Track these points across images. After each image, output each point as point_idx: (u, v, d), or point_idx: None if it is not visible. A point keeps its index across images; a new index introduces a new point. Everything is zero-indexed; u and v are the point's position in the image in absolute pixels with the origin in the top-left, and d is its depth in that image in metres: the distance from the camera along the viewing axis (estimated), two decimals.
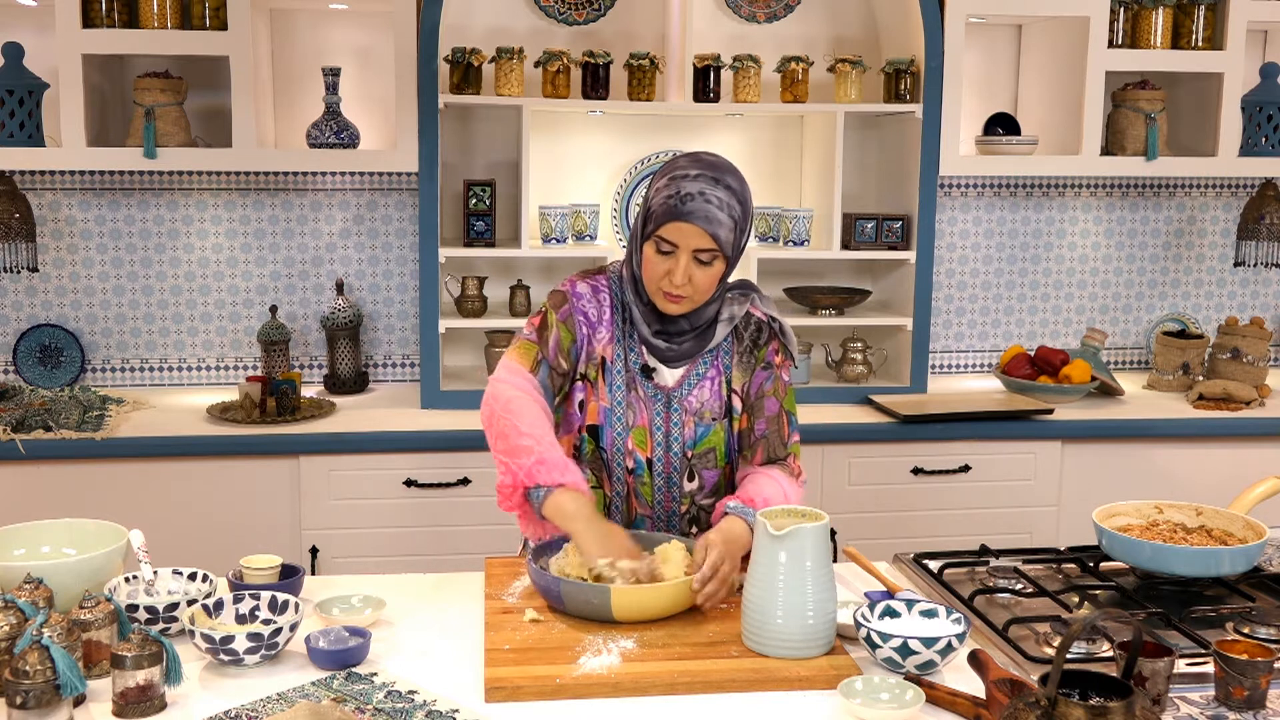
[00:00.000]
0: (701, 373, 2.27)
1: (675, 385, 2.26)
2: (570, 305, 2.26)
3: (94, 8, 3.37)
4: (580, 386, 2.26)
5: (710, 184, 2.12)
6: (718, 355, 2.28)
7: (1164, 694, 1.69)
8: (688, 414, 2.26)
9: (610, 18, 3.82)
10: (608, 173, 3.89)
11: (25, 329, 3.71)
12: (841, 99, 3.68)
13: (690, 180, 2.12)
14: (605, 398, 2.25)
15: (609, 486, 2.27)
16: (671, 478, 2.28)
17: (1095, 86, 3.70)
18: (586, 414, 2.25)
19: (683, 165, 2.16)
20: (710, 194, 2.12)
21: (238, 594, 1.96)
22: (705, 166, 2.15)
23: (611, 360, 2.25)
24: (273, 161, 3.54)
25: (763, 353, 2.29)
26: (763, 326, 2.30)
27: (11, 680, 1.60)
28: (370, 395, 3.75)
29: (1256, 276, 4.27)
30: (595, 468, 2.27)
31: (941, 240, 4.06)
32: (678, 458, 2.27)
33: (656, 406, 2.25)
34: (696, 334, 2.25)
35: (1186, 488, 3.47)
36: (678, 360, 2.25)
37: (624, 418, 2.25)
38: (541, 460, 2.08)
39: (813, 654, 1.86)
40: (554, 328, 2.24)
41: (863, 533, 3.40)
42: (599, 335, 2.26)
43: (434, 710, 1.72)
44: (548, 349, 2.23)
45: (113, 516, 2.25)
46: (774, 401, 2.28)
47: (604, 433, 2.25)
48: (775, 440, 2.27)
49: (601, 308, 2.26)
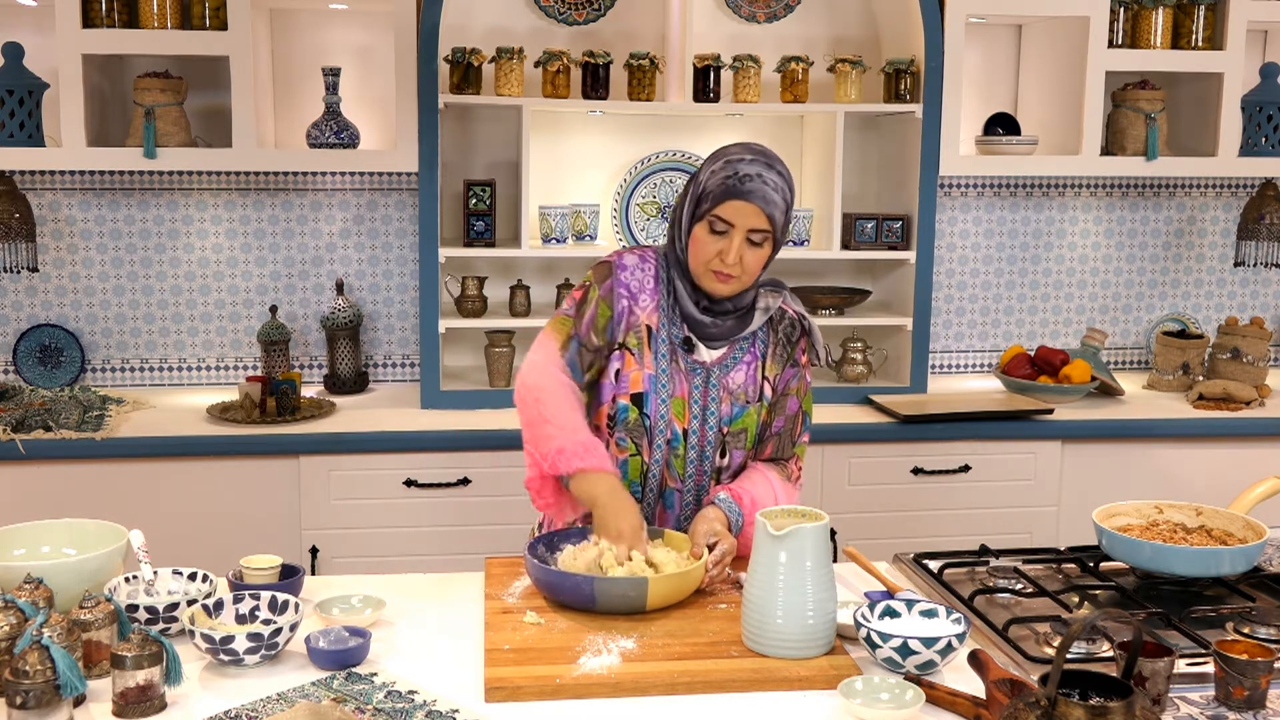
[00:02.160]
0: (739, 356, 2.31)
1: (715, 363, 2.30)
2: (613, 278, 2.30)
3: (94, 8, 3.37)
4: (618, 355, 2.29)
5: (765, 167, 2.19)
6: (754, 342, 2.33)
7: (1164, 694, 1.69)
8: (725, 391, 2.30)
9: (610, 18, 3.82)
10: (608, 173, 3.89)
11: (25, 329, 3.71)
12: (841, 99, 3.68)
13: (746, 163, 2.19)
14: (650, 365, 2.28)
15: (648, 454, 2.29)
16: (705, 451, 2.30)
17: (1095, 86, 3.70)
18: (630, 382, 2.28)
19: (736, 151, 2.22)
20: (766, 176, 2.18)
21: (238, 594, 1.96)
22: (757, 153, 2.21)
23: (657, 329, 2.29)
24: (273, 161, 3.54)
25: (794, 350, 2.35)
26: (795, 323, 2.36)
27: (11, 680, 1.60)
28: (370, 395, 3.75)
29: (1256, 276, 4.27)
30: (636, 435, 2.28)
31: (941, 240, 4.06)
32: (713, 432, 2.30)
33: (695, 380, 2.29)
34: (738, 315, 2.29)
35: (1186, 488, 3.47)
36: (718, 339, 2.29)
37: (668, 385, 2.28)
38: (561, 449, 2.16)
39: (813, 654, 1.86)
40: (593, 303, 2.29)
41: (863, 533, 3.40)
42: (641, 303, 2.29)
43: (434, 710, 1.72)
44: (581, 325, 2.28)
45: (113, 516, 2.25)
46: (795, 401, 2.34)
47: (648, 399, 2.27)
48: (786, 439, 2.34)
49: (645, 276, 2.30)
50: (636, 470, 2.29)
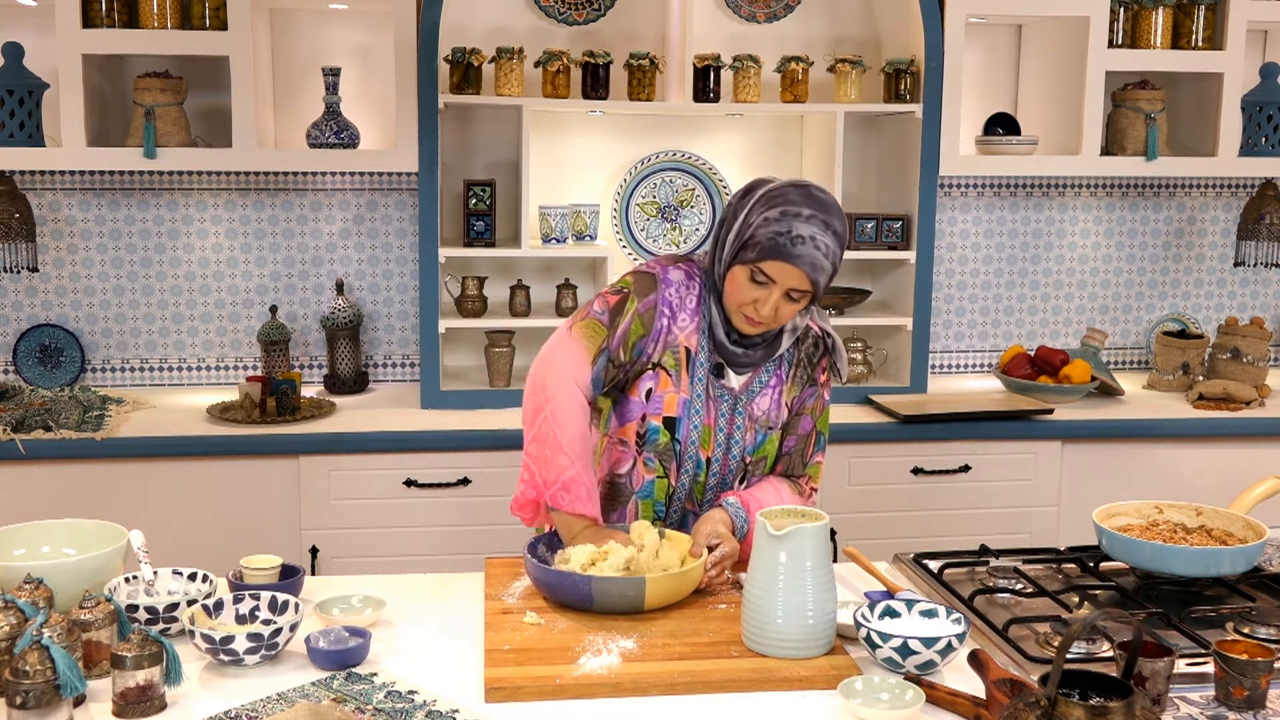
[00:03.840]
0: (765, 380, 2.27)
1: (741, 389, 2.25)
2: (658, 294, 2.21)
3: (94, 8, 3.37)
4: (652, 375, 2.22)
5: (821, 228, 2.08)
6: (780, 365, 2.28)
7: (1164, 694, 1.69)
8: (750, 420, 2.25)
9: (610, 18, 3.82)
10: (608, 173, 3.89)
11: (25, 329, 3.71)
12: (841, 99, 3.68)
13: (803, 221, 2.08)
14: (687, 390, 2.22)
15: (675, 478, 2.25)
16: (726, 479, 2.28)
17: (1095, 86, 3.70)
18: (664, 405, 2.21)
19: (796, 200, 2.10)
20: (820, 240, 2.08)
21: (238, 594, 1.96)
22: (818, 207, 2.10)
23: (695, 352, 2.21)
24: (273, 161, 3.54)
25: (814, 370, 2.30)
26: (819, 343, 2.31)
27: (11, 680, 1.60)
28: (370, 395, 3.75)
29: (1256, 276, 4.27)
30: (666, 459, 2.24)
31: (941, 240, 4.06)
32: (735, 461, 2.27)
33: (722, 407, 2.24)
34: (766, 344, 2.25)
35: (1186, 488, 3.47)
36: (746, 366, 2.25)
37: (701, 411, 2.23)
38: (566, 486, 2.13)
39: (813, 654, 1.86)
40: (629, 316, 2.19)
41: (863, 533, 3.40)
42: (680, 323, 2.21)
43: (434, 710, 1.72)
44: (614, 337, 2.18)
45: (113, 516, 2.25)
46: (809, 420, 2.31)
47: (680, 424, 2.22)
48: (797, 458, 2.32)
49: (689, 295, 2.22)
50: (663, 492, 2.26)
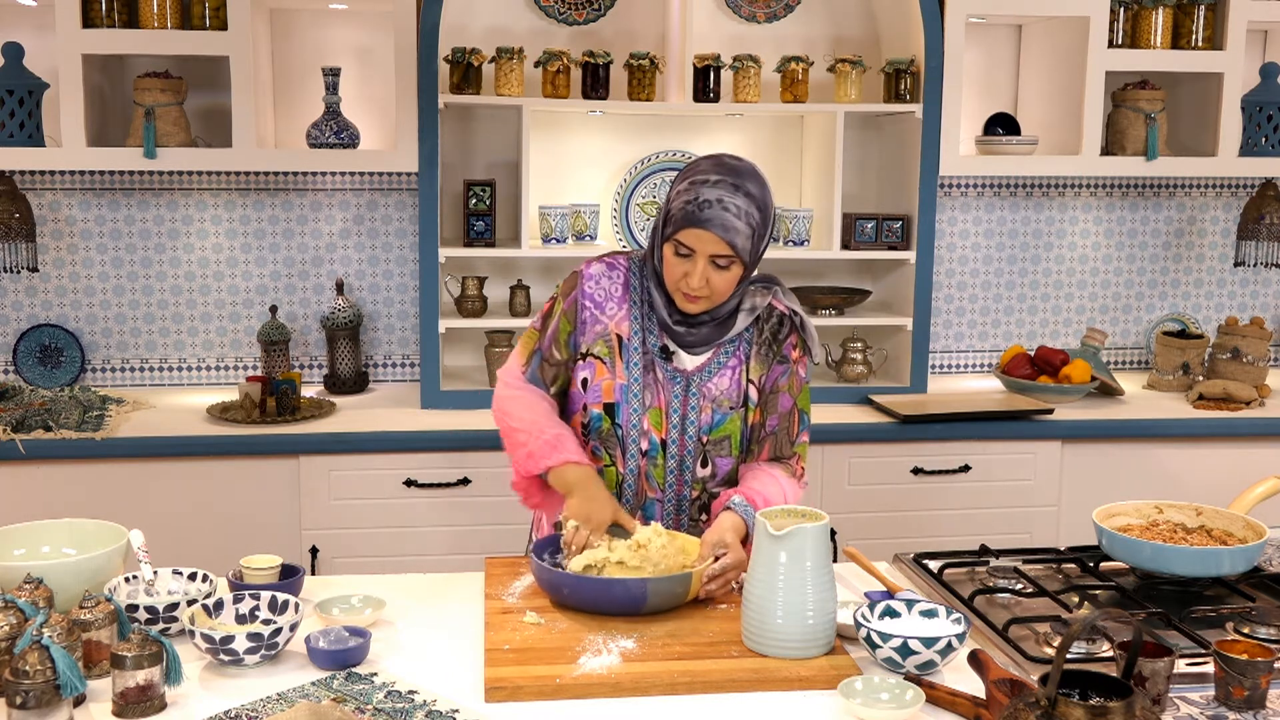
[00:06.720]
0: (723, 361, 2.28)
1: (695, 370, 2.27)
2: (577, 290, 2.30)
3: (94, 8, 3.37)
4: (585, 364, 2.28)
5: (730, 190, 2.12)
6: (739, 345, 2.29)
7: (1164, 694, 1.69)
8: (706, 400, 2.26)
9: (610, 18, 3.82)
10: (608, 173, 3.89)
11: (25, 329, 3.71)
12: (841, 99, 3.68)
13: (709, 186, 2.12)
14: (623, 374, 2.26)
15: (622, 464, 2.27)
16: (685, 461, 2.28)
17: (1095, 86, 3.70)
18: (602, 391, 2.26)
19: (703, 169, 2.16)
20: (729, 201, 2.11)
21: (238, 594, 1.96)
22: (726, 171, 2.14)
23: (628, 338, 2.26)
24: (273, 161, 3.54)
25: (780, 347, 2.29)
26: (784, 320, 2.30)
27: (11, 680, 1.60)
28: (370, 395, 3.75)
29: (1256, 276, 4.27)
30: (610, 445, 2.27)
31: (941, 240, 4.06)
32: (692, 441, 2.27)
33: (675, 389, 2.26)
34: (715, 323, 2.26)
35: (1186, 488, 3.47)
36: (696, 346, 2.26)
37: (640, 396, 2.25)
38: (531, 453, 2.23)
39: (813, 654, 1.86)
40: (556, 317, 2.31)
41: (863, 533, 3.40)
42: (609, 311, 2.27)
43: (434, 710, 1.72)
44: (544, 338, 2.32)
45: (113, 516, 2.25)
46: (788, 398, 2.29)
47: (620, 409, 2.25)
48: (783, 438, 2.29)
49: (614, 284, 2.29)
50: (612, 481, 2.28)
